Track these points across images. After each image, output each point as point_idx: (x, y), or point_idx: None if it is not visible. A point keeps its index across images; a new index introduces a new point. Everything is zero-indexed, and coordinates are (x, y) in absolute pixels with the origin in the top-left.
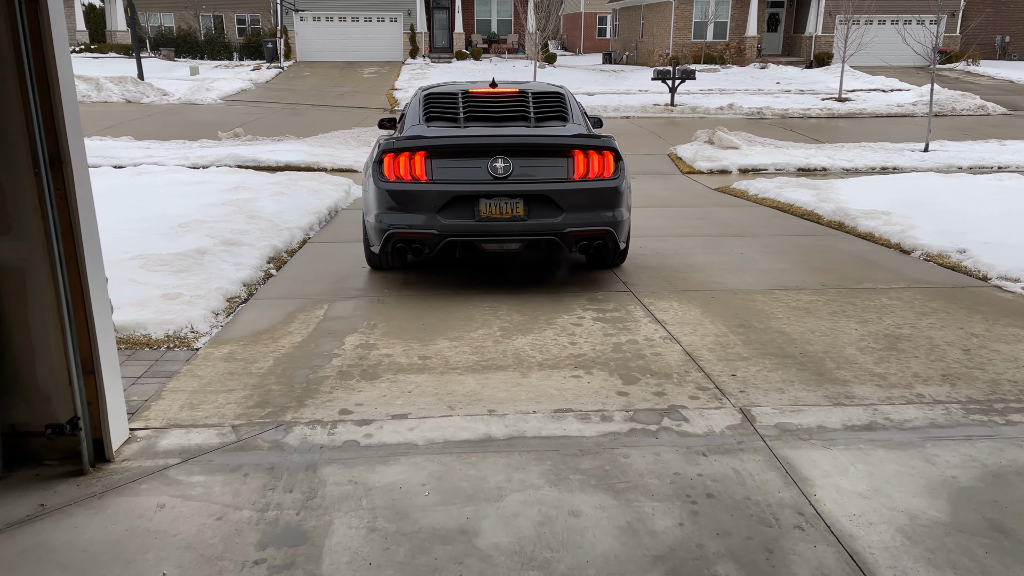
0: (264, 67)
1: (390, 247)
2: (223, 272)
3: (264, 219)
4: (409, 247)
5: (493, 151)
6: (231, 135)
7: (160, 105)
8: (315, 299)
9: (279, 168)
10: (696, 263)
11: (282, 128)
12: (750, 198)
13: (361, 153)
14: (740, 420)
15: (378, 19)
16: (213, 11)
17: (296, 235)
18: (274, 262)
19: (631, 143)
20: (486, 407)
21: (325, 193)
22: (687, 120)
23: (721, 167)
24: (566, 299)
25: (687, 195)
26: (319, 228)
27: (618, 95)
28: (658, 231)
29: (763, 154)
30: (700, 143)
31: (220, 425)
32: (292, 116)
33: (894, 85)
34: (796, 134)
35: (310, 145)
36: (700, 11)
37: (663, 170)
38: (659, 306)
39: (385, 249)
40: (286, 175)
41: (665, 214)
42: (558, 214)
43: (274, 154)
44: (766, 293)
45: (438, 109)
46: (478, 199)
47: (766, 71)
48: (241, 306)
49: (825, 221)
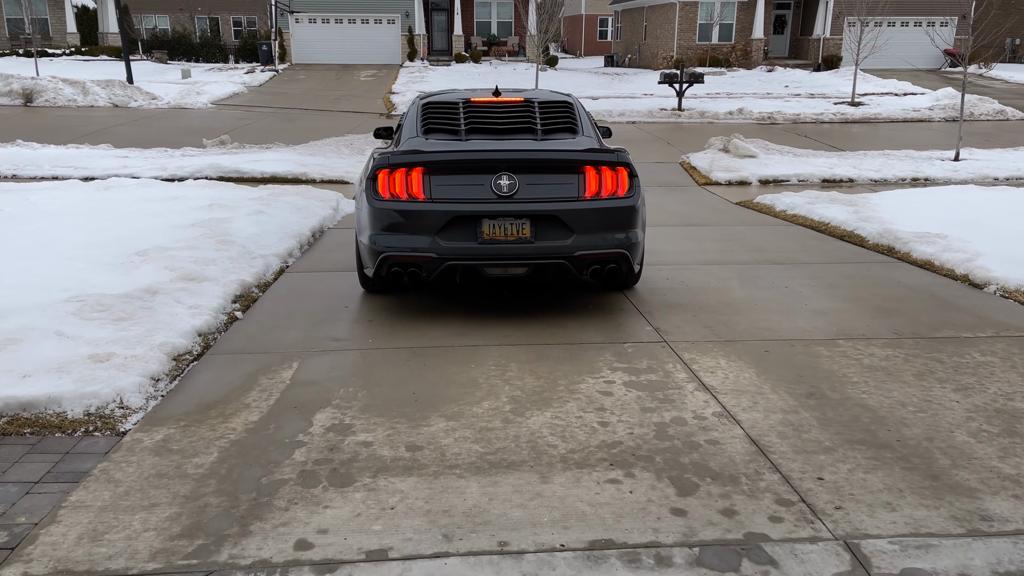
0: (258, 70)
1: (385, 271)
2: (174, 319)
3: (237, 244)
4: (405, 271)
5: (497, 167)
6: (217, 142)
7: (148, 110)
8: (284, 353)
9: (264, 180)
10: (736, 300)
11: (272, 134)
12: (778, 215)
13: (354, 162)
14: (850, 567)
15: (375, 21)
16: (209, 13)
17: (272, 264)
18: (241, 301)
19: (640, 150)
20: (495, 538)
21: (310, 210)
22: (695, 125)
23: (740, 178)
24: (588, 352)
25: (708, 211)
26: (300, 254)
27: (623, 99)
28: (684, 257)
29: (783, 163)
30: (715, 151)
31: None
32: (284, 121)
33: (907, 89)
34: (813, 141)
35: (299, 154)
36: (705, 13)
37: (678, 181)
38: (703, 364)
39: (379, 273)
40: (269, 189)
41: (688, 235)
42: (568, 236)
43: (259, 164)
44: (829, 344)
45: (437, 120)
46: (481, 220)
47: (773, 74)
48: (192, 365)
49: (871, 245)
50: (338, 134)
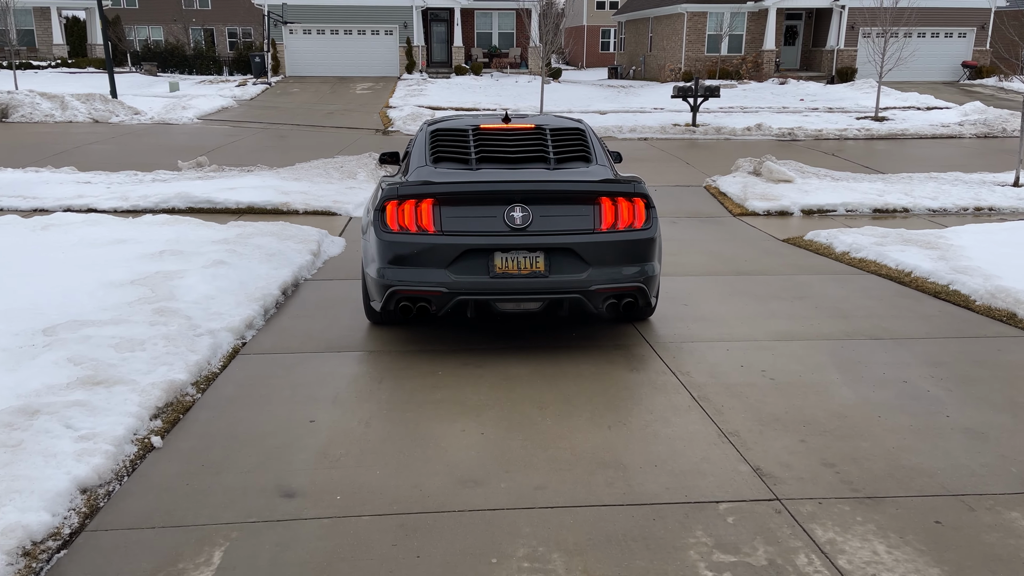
0: (250, 83)
1: (392, 305)
2: (48, 467)
3: (180, 315)
4: (414, 306)
5: (510, 198)
6: (193, 164)
7: (129, 126)
8: (204, 529)
9: (239, 211)
10: (849, 409)
11: (258, 154)
12: (840, 257)
13: (343, 189)
14: None
15: (372, 32)
16: (203, 24)
17: (222, 343)
18: (166, 415)
19: (657, 171)
20: None
21: (284, 257)
22: (712, 142)
23: (780, 207)
24: (666, 526)
25: (755, 252)
26: (264, 322)
27: (632, 114)
28: (751, 327)
29: (824, 189)
30: (744, 174)
31: None
32: (273, 139)
33: (930, 102)
34: (845, 160)
35: (283, 179)
36: (714, 23)
37: (708, 211)
38: (848, 545)
39: (387, 307)
40: (239, 227)
41: (744, 289)
42: (583, 269)
43: (235, 192)
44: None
45: (446, 148)
46: (493, 253)
47: (786, 87)
48: (54, 560)
49: (980, 307)
50: (329, 154)
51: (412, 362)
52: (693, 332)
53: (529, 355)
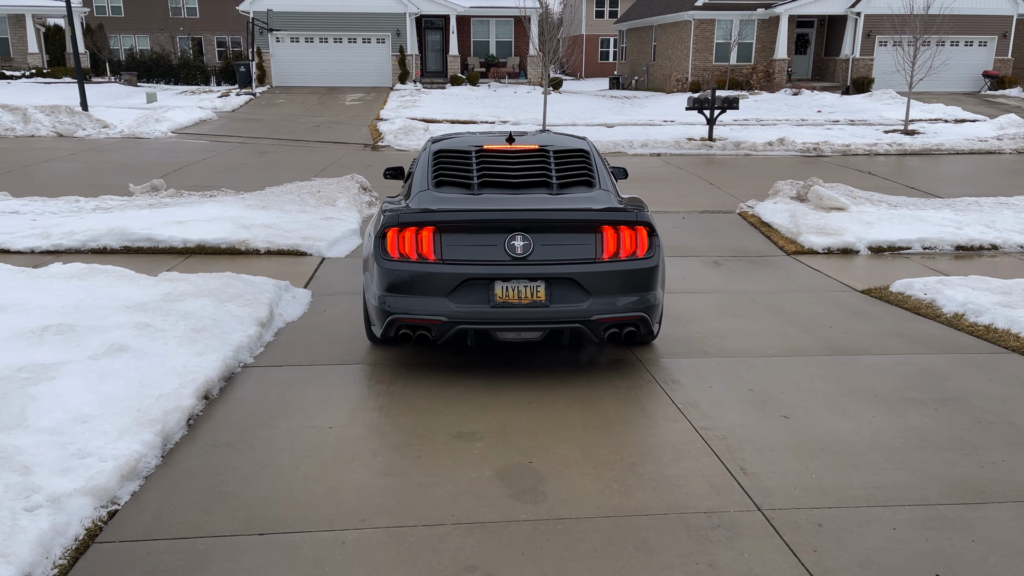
0: (233, 93)
1: (393, 332)
2: None
3: (11, 464)
4: (414, 333)
5: (512, 227)
6: (147, 188)
7: (95, 140)
8: None
9: (186, 251)
10: None
11: (229, 174)
12: (954, 322)
13: (318, 219)
14: None
15: (363, 40)
16: (190, 33)
17: (71, 523)
18: None
19: (678, 194)
20: None
21: (220, 330)
22: (732, 159)
23: (842, 244)
24: None
25: (835, 311)
26: (161, 458)
27: (642, 127)
28: (908, 470)
29: (888, 220)
30: (786, 200)
31: None
32: (251, 155)
33: (957, 114)
34: (885, 180)
35: (248, 206)
36: (723, 31)
37: (755, 247)
38: None
39: (387, 335)
40: (171, 283)
41: (852, 381)
42: (584, 299)
43: (184, 227)
44: None
45: (449, 171)
46: (494, 282)
47: (800, 97)
48: None
49: None
50: (308, 175)
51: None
52: (824, 482)
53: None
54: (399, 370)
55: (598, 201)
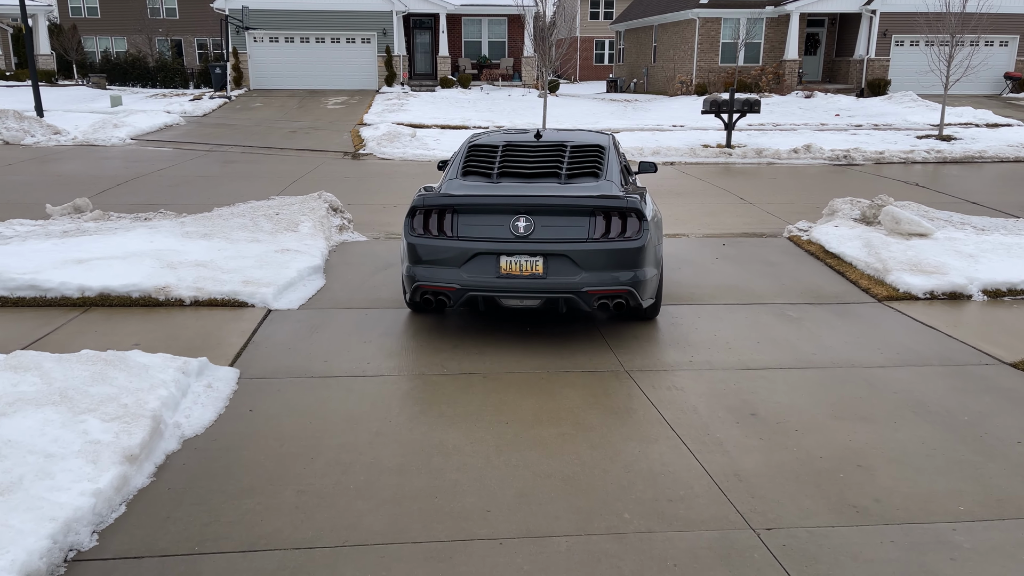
0: (206, 97)
1: (418, 297)
2: None
3: None
4: (435, 298)
5: (517, 210)
6: (69, 209)
7: (43, 148)
8: None
9: (83, 302)
10: None
11: (180, 189)
12: None
13: (271, 251)
14: None
15: (348, 40)
16: (169, 35)
17: None
18: None
19: (707, 211)
20: None
21: (47, 482)
22: (754, 168)
23: (950, 287)
24: None
25: (997, 409)
26: None
27: (651, 132)
28: None
29: (993, 251)
30: (849, 222)
31: None
32: (214, 166)
33: (989, 118)
34: (938, 193)
35: (184, 234)
36: (730, 30)
37: (829, 288)
38: None
39: (414, 299)
40: (12, 374)
41: None
42: (577, 273)
43: (84, 269)
44: None
45: (476, 162)
46: (499, 256)
47: (813, 100)
48: None
49: None
50: (275, 188)
51: None
52: None
53: None
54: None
55: (599, 190)
